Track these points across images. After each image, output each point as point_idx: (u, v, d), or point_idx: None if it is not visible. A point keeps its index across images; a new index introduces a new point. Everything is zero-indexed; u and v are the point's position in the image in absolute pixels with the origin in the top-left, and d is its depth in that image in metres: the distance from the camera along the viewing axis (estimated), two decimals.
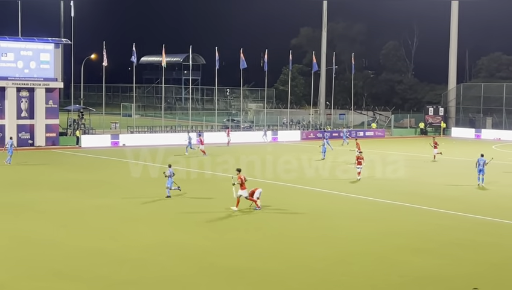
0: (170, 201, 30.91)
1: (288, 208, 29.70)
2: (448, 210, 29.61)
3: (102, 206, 29.56)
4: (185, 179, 37.29)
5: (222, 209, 28.99)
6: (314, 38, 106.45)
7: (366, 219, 27.50)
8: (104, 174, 40.94)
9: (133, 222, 26.34)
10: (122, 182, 37.38)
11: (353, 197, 32.96)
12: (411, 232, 25.03)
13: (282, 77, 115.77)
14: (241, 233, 24.52)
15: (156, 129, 69.90)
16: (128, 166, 45.24)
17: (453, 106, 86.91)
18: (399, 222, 27.08)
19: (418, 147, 63.35)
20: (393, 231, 25.12)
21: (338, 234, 24.55)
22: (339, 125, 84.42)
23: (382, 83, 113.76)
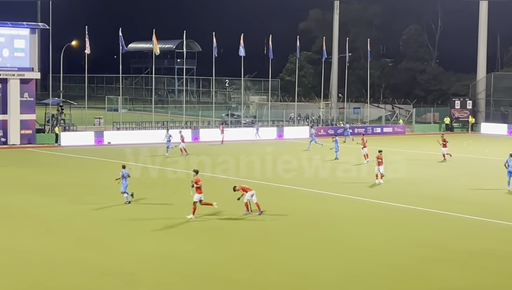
0: (163, 206, 31.24)
1: (296, 214, 30.09)
2: (473, 216, 29.97)
3: (86, 211, 29.90)
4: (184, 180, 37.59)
5: (225, 215, 29.35)
6: (325, 21, 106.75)
7: (383, 227, 27.85)
8: (88, 177, 41.27)
9: (122, 229, 26.72)
10: (108, 185, 37.64)
11: (368, 202, 33.31)
12: (432, 240, 25.37)
13: (289, 65, 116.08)
14: (244, 243, 24.89)
15: (145, 125, 70.21)
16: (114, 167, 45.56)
17: (483, 98, 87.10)
18: (419, 229, 27.40)
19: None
20: (413, 240, 25.47)
21: (352, 243, 24.91)
22: (354, 121, 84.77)
23: (402, 72, 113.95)
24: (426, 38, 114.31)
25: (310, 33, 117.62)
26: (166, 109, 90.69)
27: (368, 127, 78.73)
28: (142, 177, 39.52)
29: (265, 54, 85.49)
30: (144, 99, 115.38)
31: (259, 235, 26.27)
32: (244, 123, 76.39)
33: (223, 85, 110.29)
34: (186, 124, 72.60)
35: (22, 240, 24.69)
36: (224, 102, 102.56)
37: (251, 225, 27.85)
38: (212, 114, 76.72)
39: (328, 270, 21.39)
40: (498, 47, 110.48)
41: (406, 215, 30.36)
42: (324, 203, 32.99)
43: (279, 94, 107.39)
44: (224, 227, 27.43)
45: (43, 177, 40.64)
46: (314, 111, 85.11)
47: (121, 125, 68.52)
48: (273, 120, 79.14)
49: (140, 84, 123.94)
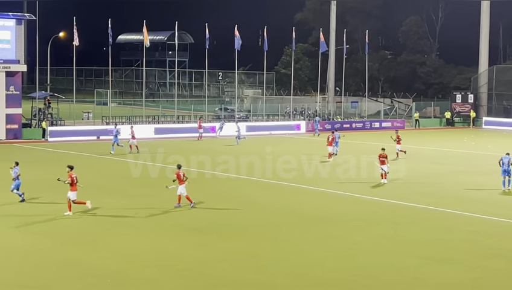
0: (153, 205, 31.04)
1: (291, 210, 29.92)
2: (478, 214, 29.81)
3: (75, 210, 29.62)
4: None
5: (214, 212, 29.21)
6: (322, 12, 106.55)
7: (385, 226, 27.70)
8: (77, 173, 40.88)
9: (114, 228, 26.52)
10: (99, 182, 37.47)
11: (369, 200, 33.14)
12: (436, 240, 25.19)
13: (284, 58, 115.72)
14: (239, 241, 24.67)
15: (136, 120, 69.96)
16: (103, 163, 45.43)
17: (485, 92, 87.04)
18: (421, 228, 27.23)
19: (443, 140, 63.53)
20: (416, 239, 25.28)
21: (351, 241, 24.72)
22: (351, 115, 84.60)
23: (401, 65, 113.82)
24: (426, 29, 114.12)
25: (307, 24, 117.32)
26: (157, 102, 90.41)
27: (366, 121, 78.55)
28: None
29: (260, 46, 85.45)
30: (134, 92, 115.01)
31: (251, 232, 26.11)
32: (238, 117, 76.10)
33: (216, 78, 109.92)
34: (178, 119, 72.36)
35: (6, 240, 24.42)
36: (217, 96, 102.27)
37: (241, 222, 27.66)
38: (205, 108, 76.46)
39: (325, 269, 21.21)
40: (500, 39, 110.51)
41: (408, 213, 30.19)
42: (322, 201, 32.78)
43: (275, 88, 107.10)
44: (213, 224, 27.23)
45: (29, 174, 40.23)
46: (311, 105, 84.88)
47: (111, 120, 68.18)
48: (268, 114, 78.93)
49: (131, 77, 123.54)
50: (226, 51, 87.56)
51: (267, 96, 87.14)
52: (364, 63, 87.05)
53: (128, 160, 45.89)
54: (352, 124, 75.88)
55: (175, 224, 27.32)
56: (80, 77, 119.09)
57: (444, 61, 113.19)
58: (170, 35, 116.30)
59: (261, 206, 31.23)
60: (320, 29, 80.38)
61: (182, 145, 56.42)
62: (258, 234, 25.97)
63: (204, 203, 31.55)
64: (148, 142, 56.43)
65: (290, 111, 79.75)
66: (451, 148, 56.33)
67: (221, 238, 25.04)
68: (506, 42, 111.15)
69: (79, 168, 42.99)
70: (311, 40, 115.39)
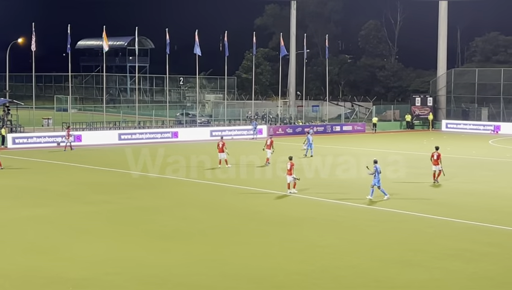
0: (116, 210, 30.92)
1: (254, 215, 29.96)
2: (437, 215, 30.09)
3: (36, 217, 29.43)
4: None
5: (172, 219, 29.18)
6: (282, 17, 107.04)
7: (346, 229, 27.84)
8: (37, 180, 40.67)
9: (76, 235, 26.28)
10: (60, 189, 37.19)
11: (332, 203, 33.28)
12: (396, 242, 25.39)
13: (245, 63, 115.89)
14: (204, 246, 24.65)
15: (96, 126, 69.57)
16: (64, 170, 45.10)
17: (443, 94, 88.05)
18: (382, 230, 27.45)
19: (403, 143, 64.13)
20: (376, 242, 25.46)
21: (315, 246, 24.80)
22: (312, 119, 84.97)
23: (361, 69, 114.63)
24: (385, 34, 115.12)
25: (267, 29, 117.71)
26: (118, 108, 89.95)
27: (327, 125, 78.97)
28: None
29: (220, 51, 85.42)
30: (94, 98, 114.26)
31: (213, 236, 26.08)
32: (199, 122, 76.04)
33: (178, 83, 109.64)
34: (139, 124, 72.07)
35: None
36: (178, 101, 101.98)
37: (203, 226, 27.64)
38: (167, 113, 76.23)
39: (287, 272, 21.22)
40: (458, 42, 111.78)
41: (369, 216, 30.35)
42: (282, 204, 32.85)
43: (236, 92, 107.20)
44: (175, 229, 27.17)
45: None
46: (272, 109, 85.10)
47: (71, 126, 67.65)
48: (229, 119, 78.95)
49: (91, 83, 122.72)
50: (187, 56, 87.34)
51: (229, 101, 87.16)
52: (324, 67, 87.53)
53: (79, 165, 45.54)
54: (314, 127, 76.20)
55: (137, 230, 27.18)
56: (40, 83, 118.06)
57: (403, 64, 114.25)
58: (130, 41, 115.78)
59: (221, 210, 31.23)
60: (280, 34, 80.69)
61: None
62: (220, 238, 25.97)
63: (165, 208, 31.52)
64: (112, 148, 56.12)
65: (251, 116, 79.85)
66: (411, 151, 56.83)
67: (184, 244, 24.99)
68: (463, 45, 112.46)
69: (40, 174, 42.84)
70: (271, 44, 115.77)
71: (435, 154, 38.76)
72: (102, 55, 72.44)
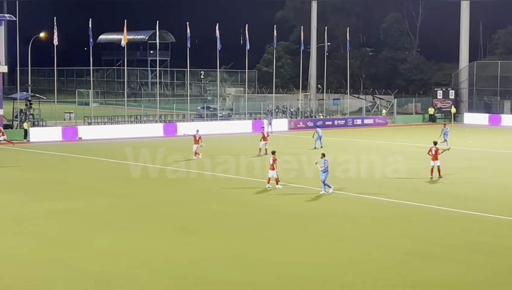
0: (139, 204, 31.09)
1: (274, 208, 30.00)
2: (460, 209, 29.99)
3: (60, 210, 29.62)
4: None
5: (193, 213, 29.29)
6: (303, 10, 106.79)
7: (367, 222, 27.80)
8: (60, 173, 40.94)
9: (99, 228, 26.47)
10: (83, 182, 37.42)
11: (353, 197, 33.26)
12: (418, 235, 25.33)
13: (266, 56, 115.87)
14: (225, 240, 24.74)
15: (118, 120, 69.88)
16: (85, 163, 45.37)
17: (466, 87, 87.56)
18: (403, 223, 27.39)
19: (424, 136, 63.78)
20: (398, 234, 25.43)
21: (336, 239, 24.82)
22: (333, 112, 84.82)
23: (382, 62, 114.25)
24: (407, 26, 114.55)
25: (288, 22, 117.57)
26: (139, 102, 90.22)
27: (348, 118, 78.78)
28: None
29: (241, 45, 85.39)
30: (116, 92, 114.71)
31: (235, 230, 26.17)
32: (220, 116, 76.12)
33: (198, 77, 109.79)
34: (160, 118, 72.29)
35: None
36: (199, 94, 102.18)
37: (224, 220, 27.73)
38: (187, 107, 76.39)
39: (309, 266, 21.26)
40: (481, 34, 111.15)
41: (390, 209, 30.30)
42: (303, 198, 32.84)
43: (257, 86, 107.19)
44: (197, 222, 27.26)
45: (11, 175, 40.18)
46: (293, 103, 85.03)
47: (93, 120, 68.09)
48: (250, 112, 78.97)
49: (112, 77, 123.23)
50: (208, 50, 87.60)
51: (249, 95, 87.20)
52: (345, 60, 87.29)
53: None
54: (335, 121, 76.06)
55: (159, 223, 27.32)
56: (61, 77, 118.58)
57: (425, 57, 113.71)
58: (151, 35, 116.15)
59: (243, 204, 31.30)
60: (301, 27, 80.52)
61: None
62: (242, 232, 26.03)
63: (187, 201, 31.64)
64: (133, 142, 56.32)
65: (272, 109, 79.80)
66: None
67: (205, 237, 25.07)
68: (486, 38, 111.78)
69: (61, 168, 43.11)
70: (292, 37, 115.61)
71: (433, 149, 38.01)
72: (123, 49, 72.65)
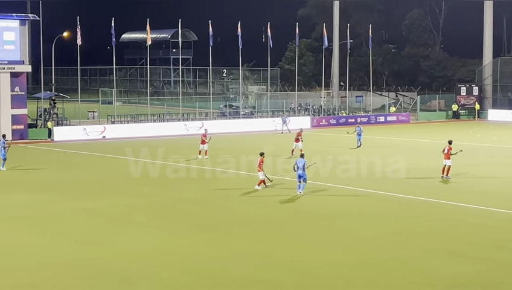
0: (162, 202, 31.23)
1: (297, 207, 29.99)
2: (484, 206, 29.85)
3: (84, 209, 29.82)
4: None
5: (216, 211, 29.37)
6: (325, 7, 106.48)
7: (390, 219, 27.74)
8: (85, 172, 41.15)
9: (123, 227, 26.63)
10: (107, 181, 37.63)
11: (375, 194, 33.17)
12: (442, 233, 25.24)
13: (288, 54, 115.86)
14: (246, 238, 24.79)
15: (141, 118, 70.13)
16: (110, 162, 45.61)
17: (490, 84, 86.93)
18: (427, 221, 27.28)
19: (448, 133, 63.45)
20: (422, 232, 25.34)
21: (358, 237, 24.79)
22: (356, 110, 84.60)
23: (405, 58, 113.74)
24: (430, 22, 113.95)
25: (310, 20, 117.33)
26: (162, 101, 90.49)
27: (371, 116, 78.54)
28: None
29: (263, 42, 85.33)
30: (138, 91, 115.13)
31: (256, 228, 26.25)
32: (243, 114, 76.17)
33: (221, 75, 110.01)
34: (183, 116, 72.48)
35: (15, 240, 24.56)
36: (222, 93, 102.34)
37: (245, 218, 27.80)
38: (210, 105, 76.52)
39: (332, 265, 21.29)
40: (504, 30, 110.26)
41: (413, 207, 30.20)
42: (324, 195, 32.79)
43: (279, 83, 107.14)
44: (218, 221, 27.34)
45: (36, 175, 40.50)
46: (316, 100, 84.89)
47: (116, 119, 68.39)
48: (272, 110, 78.94)
49: (135, 75, 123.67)
50: (230, 48, 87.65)
51: (272, 93, 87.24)
52: (368, 57, 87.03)
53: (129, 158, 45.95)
54: (357, 118, 75.85)
55: (181, 222, 27.43)
56: (85, 76, 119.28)
57: (448, 54, 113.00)
58: (174, 33, 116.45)
59: (263, 202, 31.28)
60: (323, 24, 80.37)
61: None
62: (263, 230, 26.05)
63: (209, 200, 31.72)
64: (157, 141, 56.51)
65: (295, 107, 79.74)
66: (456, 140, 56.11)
67: (227, 236, 25.14)
68: (510, 34, 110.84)
69: (86, 167, 43.37)
70: (314, 35, 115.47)
71: (446, 148, 37.32)
72: (146, 48, 72.92)
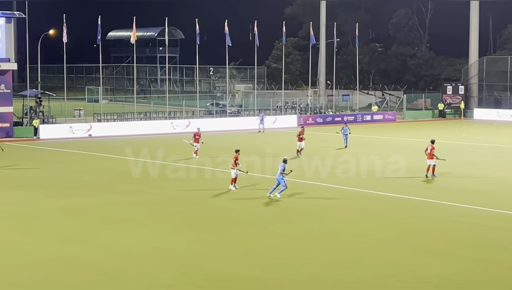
0: (149, 201, 31.13)
1: (284, 205, 29.97)
2: (470, 205, 29.94)
3: (71, 207, 29.71)
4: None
5: (209, 207, 29.32)
6: (312, 6, 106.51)
7: (376, 218, 27.79)
8: (71, 171, 40.99)
9: (111, 225, 26.56)
10: (94, 179, 37.49)
11: (361, 193, 33.21)
12: (428, 231, 25.31)
13: (275, 52, 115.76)
14: (235, 236, 24.75)
15: (127, 116, 69.97)
16: (96, 160, 45.46)
17: (475, 83, 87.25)
18: (413, 219, 27.37)
19: (434, 132, 63.65)
20: (408, 231, 25.41)
21: (346, 236, 24.81)
22: (342, 108, 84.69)
23: (392, 57, 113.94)
24: (416, 21, 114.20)
25: (297, 18, 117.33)
26: (148, 99, 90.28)
27: (357, 114, 78.66)
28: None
29: (250, 41, 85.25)
30: (125, 89, 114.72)
31: (244, 226, 26.30)
32: (229, 113, 76.09)
33: (207, 73, 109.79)
34: (170, 115, 72.33)
35: (1, 239, 24.40)
36: (208, 91, 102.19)
37: (234, 216, 27.78)
38: (197, 104, 76.38)
39: (319, 263, 21.30)
40: (490, 30, 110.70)
41: (400, 205, 30.29)
42: (312, 194, 32.78)
43: (266, 82, 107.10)
44: (207, 219, 27.30)
45: (22, 172, 40.32)
46: (302, 99, 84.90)
47: (102, 117, 68.17)
48: (259, 109, 78.87)
49: (122, 73, 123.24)
50: (217, 46, 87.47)
51: (259, 91, 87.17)
52: (354, 56, 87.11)
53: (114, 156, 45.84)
54: (344, 117, 75.91)
55: (169, 220, 27.37)
56: (71, 74, 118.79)
57: (434, 53, 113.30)
58: (160, 31, 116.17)
59: (253, 200, 31.25)
60: (310, 23, 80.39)
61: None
62: (251, 228, 26.05)
63: (199, 198, 31.65)
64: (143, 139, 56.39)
65: (281, 105, 79.76)
66: (442, 139, 56.36)
67: (215, 234, 25.10)
68: (496, 33, 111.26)
69: (72, 165, 43.20)
70: (301, 33, 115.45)
71: (429, 147, 37.27)
72: (132, 46, 72.67)
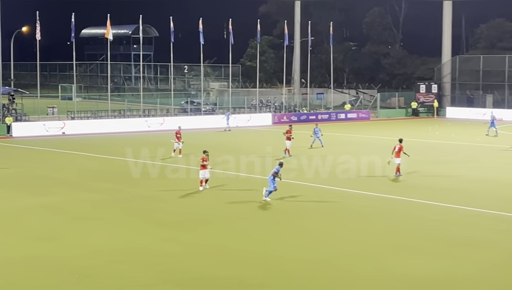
0: (121, 199, 30.87)
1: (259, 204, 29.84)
2: (445, 203, 29.96)
3: (43, 205, 29.43)
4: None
5: (178, 208, 29.12)
6: (286, 5, 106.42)
7: (352, 216, 27.75)
8: (44, 168, 40.63)
9: (83, 223, 26.24)
10: (67, 177, 37.15)
11: (336, 191, 33.15)
12: (404, 229, 25.31)
13: (250, 51, 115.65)
14: (209, 235, 24.57)
15: (101, 114, 69.54)
16: (69, 158, 45.07)
17: (448, 82, 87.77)
18: (389, 218, 27.35)
19: (407, 131, 63.91)
20: (384, 229, 25.38)
21: (321, 234, 24.72)
22: (317, 107, 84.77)
23: (366, 56, 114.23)
24: (390, 20, 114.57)
25: (271, 17, 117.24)
26: (122, 97, 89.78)
27: (331, 113, 78.76)
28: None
29: (225, 39, 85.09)
30: (99, 87, 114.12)
31: (217, 224, 26.16)
32: (204, 111, 75.86)
33: (182, 71, 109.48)
34: (144, 113, 71.96)
35: None
36: (183, 89, 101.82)
37: (206, 214, 27.60)
38: (171, 102, 76.07)
39: (294, 261, 21.17)
40: (463, 29, 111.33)
41: (375, 203, 30.25)
42: (287, 192, 32.66)
43: (240, 80, 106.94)
44: (179, 217, 27.10)
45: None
46: (277, 97, 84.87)
47: (76, 115, 67.68)
48: (234, 107, 78.72)
49: (96, 71, 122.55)
50: (192, 44, 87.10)
51: (233, 89, 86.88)
52: (329, 54, 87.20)
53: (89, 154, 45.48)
54: (318, 115, 75.99)
55: (142, 218, 27.12)
56: (44, 71, 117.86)
57: (408, 51, 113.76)
58: (135, 29, 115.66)
59: (227, 198, 31.08)
60: (284, 22, 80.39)
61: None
62: (224, 226, 25.91)
63: (171, 197, 31.45)
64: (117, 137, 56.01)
65: (256, 104, 79.66)
66: (415, 138, 56.59)
67: (188, 232, 24.93)
68: (468, 32, 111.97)
69: (45, 163, 42.79)
70: (275, 32, 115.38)
71: (397, 146, 36.90)
72: (106, 44, 72.24)
